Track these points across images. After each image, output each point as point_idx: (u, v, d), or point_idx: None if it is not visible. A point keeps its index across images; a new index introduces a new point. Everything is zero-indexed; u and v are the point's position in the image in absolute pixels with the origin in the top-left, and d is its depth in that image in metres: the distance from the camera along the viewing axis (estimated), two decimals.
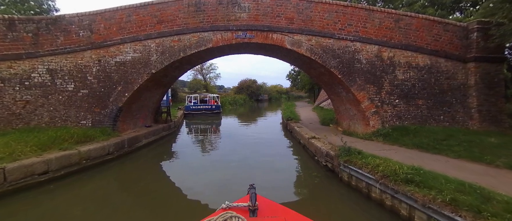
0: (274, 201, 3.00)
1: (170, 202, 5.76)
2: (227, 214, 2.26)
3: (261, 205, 2.65)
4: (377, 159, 5.83)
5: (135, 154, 9.79)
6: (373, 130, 9.76)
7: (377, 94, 9.98)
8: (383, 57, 10.04)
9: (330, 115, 15.89)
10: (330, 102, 21.48)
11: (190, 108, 24.49)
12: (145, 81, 9.97)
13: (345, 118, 12.20)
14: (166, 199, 5.91)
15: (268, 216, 2.51)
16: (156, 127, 12.31)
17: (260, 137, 13.90)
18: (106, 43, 9.97)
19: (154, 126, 12.38)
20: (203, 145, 12.41)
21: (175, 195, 6.21)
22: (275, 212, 2.65)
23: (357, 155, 6.34)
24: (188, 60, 10.80)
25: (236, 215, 2.25)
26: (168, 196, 6.16)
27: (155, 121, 13.36)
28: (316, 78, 12.77)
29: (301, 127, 12.41)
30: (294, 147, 11.25)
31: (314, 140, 9.15)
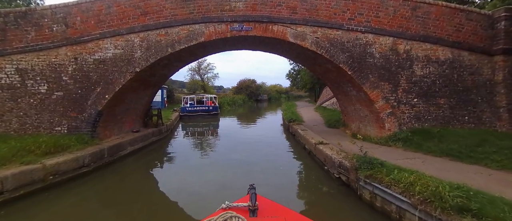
0: (274, 201, 2.98)
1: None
2: (227, 214, 2.25)
3: (261, 205, 2.65)
4: (408, 174, 4.61)
5: (118, 164, 8.56)
6: (388, 133, 8.55)
7: (393, 92, 8.77)
8: (399, 51, 8.84)
9: (336, 116, 14.68)
10: (333, 102, 20.30)
11: (186, 110, 23.27)
12: (128, 81, 8.74)
13: (354, 120, 10.99)
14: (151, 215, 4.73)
15: (268, 216, 2.51)
16: (145, 132, 11.08)
17: (260, 141, 12.68)
18: (83, 39, 8.74)
19: (142, 131, 11.16)
20: (195, 153, 11.18)
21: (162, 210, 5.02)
22: (275, 212, 2.65)
23: (380, 167, 5.12)
24: (178, 56, 9.58)
25: (236, 215, 2.24)
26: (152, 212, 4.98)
27: (144, 125, 12.13)
28: (321, 76, 11.56)
29: (306, 130, 11.20)
30: (298, 153, 10.03)
31: (322, 146, 7.94)
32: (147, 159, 9.76)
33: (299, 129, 11.60)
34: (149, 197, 6.31)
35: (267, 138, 13.39)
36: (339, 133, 10.87)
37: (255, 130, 17.56)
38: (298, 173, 8.06)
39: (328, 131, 11.28)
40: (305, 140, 9.82)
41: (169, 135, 14.18)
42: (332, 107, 20.60)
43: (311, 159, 8.76)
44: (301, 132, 10.85)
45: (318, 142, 8.35)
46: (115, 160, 8.63)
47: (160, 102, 25.50)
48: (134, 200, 5.98)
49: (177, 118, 20.56)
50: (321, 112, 19.73)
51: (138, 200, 6.00)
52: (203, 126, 20.23)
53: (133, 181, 7.60)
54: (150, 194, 6.52)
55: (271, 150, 10.79)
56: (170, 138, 13.83)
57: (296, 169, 8.48)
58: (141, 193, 6.50)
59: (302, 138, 10.52)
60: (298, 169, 8.45)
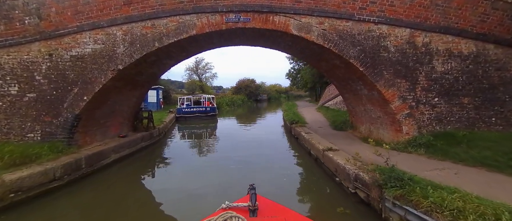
0: (274, 201, 2.96)
1: None
2: (227, 214, 2.25)
3: (261, 205, 2.63)
4: (449, 194, 3.59)
5: (99, 175, 7.50)
6: (407, 138, 7.52)
7: (411, 91, 7.75)
8: (417, 44, 7.81)
9: (341, 117, 13.65)
10: (337, 102, 19.27)
11: (182, 111, 22.18)
12: (110, 80, 7.69)
13: (363, 122, 9.96)
14: None
15: (268, 216, 2.49)
16: (133, 137, 10.03)
17: (259, 145, 11.65)
18: (59, 32, 7.70)
19: (130, 136, 10.10)
20: (189, 159, 10.12)
21: None
22: (275, 212, 2.63)
23: (411, 184, 4.08)
24: (167, 53, 8.54)
25: (236, 215, 2.24)
26: None
27: (133, 129, 11.08)
28: (327, 73, 10.52)
29: (310, 134, 10.17)
30: (303, 160, 8.99)
31: (332, 153, 6.91)
32: (134, 167, 8.72)
33: (302, 132, 10.57)
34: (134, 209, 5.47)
35: (268, 142, 12.35)
36: (347, 136, 9.83)
37: (254, 132, 16.51)
38: (304, 186, 6.98)
39: (334, 134, 10.25)
40: (311, 145, 8.78)
41: (162, 139, 13.12)
42: (336, 107, 19.58)
43: (319, 168, 7.72)
44: (306, 136, 9.81)
45: (327, 148, 7.31)
46: (95, 171, 7.57)
47: (155, 103, 24.47)
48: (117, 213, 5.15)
49: (172, 120, 19.49)
50: (324, 112, 18.70)
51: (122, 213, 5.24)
52: (200, 128, 19.21)
53: (116, 192, 6.67)
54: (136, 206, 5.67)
55: (272, 156, 9.73)
56: (164, 142, 12.78)
57: (301, 180, 7.42)
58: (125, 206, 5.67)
59: (306, 142, 9.48)
60: (304, 181, 7.37)
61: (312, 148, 8.58)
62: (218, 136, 15.70)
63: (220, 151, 11.16)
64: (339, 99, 19.27)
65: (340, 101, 18.86)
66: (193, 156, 10.48)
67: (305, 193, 6.49)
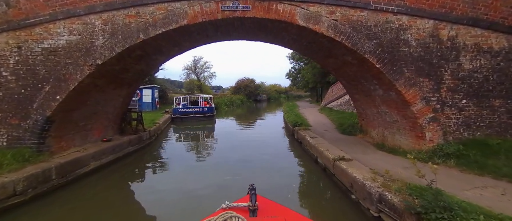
0: (274, 201, 2.94)
1: None
2: (227, 214, 2.23)
3: (261, 205, 2.61)
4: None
5: (73, 188, 6.45)
6: (431, 146, 6.50)
7: (435, 91, 6.73)
8: (441, 37, 6.80)
9: (348, 119, 12.63)
10: (341, 102, 18.27)
11: (178, 111, 21.10)
12: (88, 77, 6.66)
13: (375, 125, 8.94)
14: None
15: (268, 216, 2.48)
16: (118, 141, 8.98)
17: (259, 150, 10.61)
18: (30, 22, 6.66)
19: (115, 140, 9.06)
20: (182, 166, 9.06)
21: None
22: (275, 212, 2.62)
23: (463, 215, 3.07)
24: (156, 46, 7.50)
25: (236, 215, 2.21)
26: None
27: (120, 132, 10.04)
28: (335, 72, 9.48)
29: (316, 138, 9.14)
30: (309, 170, 7.95)
31: (345, 164, 5.88)
32: (119, 175, 7.68)
33: (307, 137, 9.53)
34: None
35: (268, 148, 11.30)
36: (358, 142, 8.81)
37: (254, 134, 15.46)
38: (312, 203, 5.88)
39: (343, 140, 9.22)
40: (318, 153, 7.74)
41: (154, 142, 12.06)
42: (340, 109, 18.57)
43: (328, 180, 6.67)
44: (311, 141, 8.78)
45: (338, 158, 6.28)
46: (69, 182, 6.52)
47: (150, 103, 23.41)
48: None
49: (167, 121, 18.43)
50: (328, 114, 17.68)
51: None
52: (197, 130, 18.18)
53: (93, 206, 5.65)
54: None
55: (273, 164, 8.68)
56: (156, 146, 11.71)
57: (308, 196, 6.31)
58: None
59: (312, 148, 8.45)
60: (312, 197, 6.22)
61: (320, 156, 7.55)
62: (215, 138, 14.79)
63: (216, 155, 10.14)
64: (343, 100, 18.27)
65: (345, 102, 17.86)
66: (187, 161, 9.42)
67: (314, 211, 5.45)
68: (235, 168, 8.16)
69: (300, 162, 8.80)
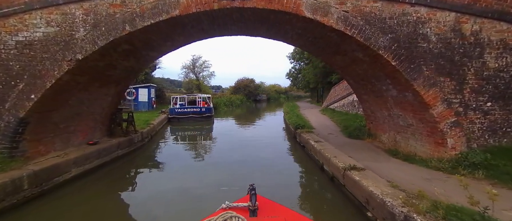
0: (274, 201, 2.94)
1: None
2: (227, 214, 2.22)
3: (261, 205, 2.61)
4: None
5: (50, 198, 5.71)
6: (453, 154, 5.78)
7: (457, 92, 6.01)
8: (464, 32, 6.08)
9: (353, 121, 11.91)
10: (345, 104, 17.55)
11: (175, 112, 20.35)
12: (67, 73, 5.92)
13: (386, 129, 8.22)
14: None
15: (268, 216, 2.47)
16: (105, 145, 8.23)
17: (259, 154, 9.88)
18: (3, 12, 5.93)
19: (102, 143, 8.31)
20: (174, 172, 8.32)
21: None
22: (275, 212, 2.61)
23: None
24: (145, 41, 6.76)
25: (236, 215, 2.21)
26: None
27: (110, 134, 9.28)
28: (342, 70, 8.74)
29: (321, 143, 8.41)
30: (314, 178, 7.23)
31: (357, 174, 5.15)
32: (105, 183, 6.95)
33: (311, 141, 8.80)
34: None
35: (268, 153, 10.57)
36: (366, 147, 8.07)
37: (253, 135, 14.71)
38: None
39: (350, 144, 8.48)
40: (325, 159, 7.01)
41: (147, 144, 11.30)
42: (343, 110, 17.84)
43: (337, 191, 5.91)
44: (316, 146, 8.05)
45: (349, 167, 5.54)
46: (46, 192, 5.78)
47: (147, 102, 22.65)
48: None
49: (162, 121, 17.67)
50: (331, 115, 16.95)
51: None
52: (194, 131, 17.49)
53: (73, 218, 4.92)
54: None
55: (274, 171, 7.94)
56: (149, 149, 10.95)
57: (317, 212, 5.47)
58: None
59: (318, 154, 7.72)
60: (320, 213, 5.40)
61: (327, 163, 6.82)
62: (213, 139, 14.20)
63: (213, 157, 9.41)
64: (346, 101, 17.55)
65: (348, 103, 17.14)
66: (181, 164, 8.66)
67: None
68: (231, 176, 7.42)
69: (303, 169, 8.07)
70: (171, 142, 13.42)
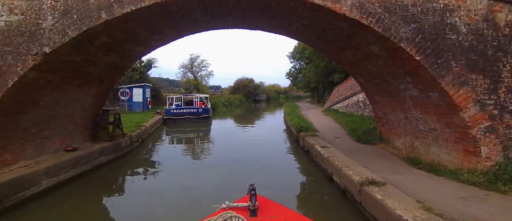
0: (274, 201, 2.92)
1: None
2: (227, 214, 2.20)
3: (261, 205, 2.61)
4: None
5: (11, 218, 4.81)
6: (488, 165, 4.91)
7: (491, 92, 5.15)
8: (498, 22, 5.22)
9: (361, 124, 11.04)
10: (349, 104, 16.69)
11: (171, 112, 19.43)
12: (33, 69, 5.03)
13: (401, 133, 7.34)
14: None
15: (268, 216, 2.47)
16: (86, 151, 7.32)
17: (258, 161, 9.00)
18: None
19: (83, 149, 7.41)
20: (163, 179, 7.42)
21: None
22: (275, 212, 2.60)
23: None
24: (128, 32, 5.86)
25: (236, 215, 2.19)
26: None
27: (93, 138, 8.38)
28: (352, 67, 7.85)
29: (328, 148, 7.53)
30: (322, 191, 6.33)
31: (378, 191, 4.26)
32: (80, 196, 6.01)
33: (317, 146, 7.93)
34: None
35: (269, 158, 9.69)
36: (380, 154, 7.19)
37: (252, 138, 13.83)
38: None
39: (361, 150, 7.60)
40: (334, 169, 6.12)
41: (136, 149, 10.37)
42: (347, 111, 16.98)
43: (353, 209, 5.00)
44: (323, 152, 7.16)
45: (367, 181, 4.65)
46: (7, 209, 4.87)
47: (141, 103, 21.74)
48: None
49: (157, 123, 16.74)
50: (334, 116, 16.07)
51: None
52: (190, 133, 16.62)
53: None
54: None
55: (277, 181, 7.04)
56: (138, 154, 10.02)
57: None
58: None
59: (326, 162, 6.83)
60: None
61: (337, 174, 5.93)
62: (210, 141, 13.50)
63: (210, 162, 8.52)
64: (351, 101, 16.69)
65: (353, 104, 16.28)
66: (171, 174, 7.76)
67: None
68: (227, 184, 6.52)
69: (309, 179, 7.18)
70: (164, 145, 12.50)
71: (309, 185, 6.91)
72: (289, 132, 14.60)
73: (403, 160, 6.48)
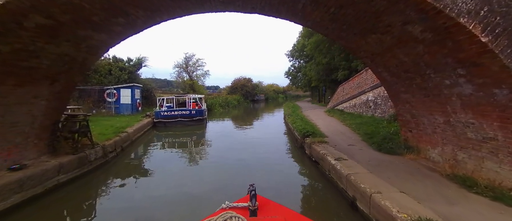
0: (274, 201, 2.91)
1: None
2: (227, 214, 2.17)
3: (261, 205, 2.61)
4: None
5: None
6: None
7: None
8: None
9: (376, 127, 9.52)
10: (356, 104, 15.15)
11: (161, 115, 17.80)
12: None
13: (437, 142, 5.79)
14: None
15: (268, 216, 2.44)
16: (37, 169, 5.70)
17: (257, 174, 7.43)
18: None
19: (34, 166, 5.80)
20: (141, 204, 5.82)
21: None
22: (275, 212, 2.59)
23: None
24: (74, 11, 4.26)
25: (236, 215, 2.15)
26: None
27: (52, 151, 6.76)
28: (373, 58, 6.24)
29: (345, 162, 5.97)
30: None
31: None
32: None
33: (330, 158, 6.37)
34: None
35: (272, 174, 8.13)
36: (414, 169, 5.62)
37: (251, 143, 12.26)
38: None
39: (388, 164, 6.02)
40: (360, 194, 4.54)
41: (112, 161, 8.69)
42: (355, 111, 15.44)
43: None
44: (340, 167, 5.61)
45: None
46: None
47: (130, 105, 20.08)
48: None
49: (144, 127, 15.06)
50: (340, 118, 14.50)
51: None
52: (182, 137, 15.10)
53: None
54: None
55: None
56: (113, 167, 8.36)
57: None
58: None
59: (344, 181, 5.25)
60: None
61: (366, 203, 4.35)
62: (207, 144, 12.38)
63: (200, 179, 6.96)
64: (359, 100, 15.14)
65: (361, 103, 14.73)
66: (149, 197, 6.18)
67: None
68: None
69: (324, 203, 5.59)
70: (149, 154, 10.88)
71: (324, 211, 5.32)
72: (290, 135, 13.06)
73: (447, 178, 4.92)
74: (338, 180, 5.61)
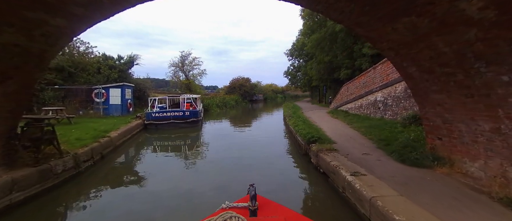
0: (274, 201, 2.90)
1: None
2: (227, 214, 2.15)
3: (261, 205, 2.60)
4: None
5: None
6: None
7: None
8: None
9: (391, 132, 8.41)
10: (362, 105, 14.07)
11: (152, 116, 16.59)
12: None
13: (479, 154, 4.68)
14: None
15: (268, 216, 2.46)
16: None
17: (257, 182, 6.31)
18: None
19: None
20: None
21: None
22: (275, 212, 2.59)
23: None
24: None
25: (236, 215, 2.13)
26: None
27: (9, 163, 5.58)
28: (399, 50, 5.08)
29: (364, 178, 4.86)
30: None
31: None
32: None
33: (344, 172, 5.25)
34: None
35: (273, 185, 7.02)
36: (452, 186, 4.49)
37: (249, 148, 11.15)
38: None
39: (418, 180, 4.89)
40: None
41: (87, 170, 7.49)
42: (361, 112, 14.34)
43: None
44: (359, 187, 4.49)
45: None
46: None
47: (120, 105, 18.87)
48: None
49: (132, 130, 13.82)
50: (346, 120, 13.38)
51: None
52: (174, 140, 14.01)
53: None
54: None
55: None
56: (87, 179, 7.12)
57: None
58: None
59: (369, 207, 4.12)
60: None
61: None
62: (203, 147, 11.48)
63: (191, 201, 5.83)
64: (365, 101, 14.05)
65: (368, 104, 13.64)
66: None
67: None
68: None
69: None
70: (134, 162, 9.70)
71: None
72: (292, 140, 11.94)
73: (499, 203, 3.81)
74: (357, 203, 4.48)
